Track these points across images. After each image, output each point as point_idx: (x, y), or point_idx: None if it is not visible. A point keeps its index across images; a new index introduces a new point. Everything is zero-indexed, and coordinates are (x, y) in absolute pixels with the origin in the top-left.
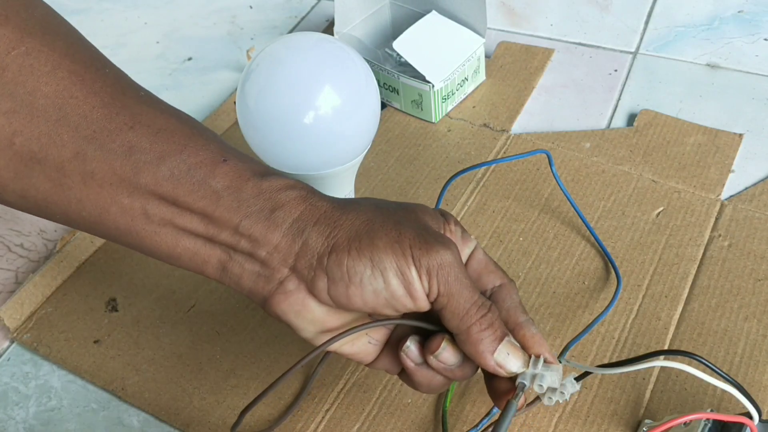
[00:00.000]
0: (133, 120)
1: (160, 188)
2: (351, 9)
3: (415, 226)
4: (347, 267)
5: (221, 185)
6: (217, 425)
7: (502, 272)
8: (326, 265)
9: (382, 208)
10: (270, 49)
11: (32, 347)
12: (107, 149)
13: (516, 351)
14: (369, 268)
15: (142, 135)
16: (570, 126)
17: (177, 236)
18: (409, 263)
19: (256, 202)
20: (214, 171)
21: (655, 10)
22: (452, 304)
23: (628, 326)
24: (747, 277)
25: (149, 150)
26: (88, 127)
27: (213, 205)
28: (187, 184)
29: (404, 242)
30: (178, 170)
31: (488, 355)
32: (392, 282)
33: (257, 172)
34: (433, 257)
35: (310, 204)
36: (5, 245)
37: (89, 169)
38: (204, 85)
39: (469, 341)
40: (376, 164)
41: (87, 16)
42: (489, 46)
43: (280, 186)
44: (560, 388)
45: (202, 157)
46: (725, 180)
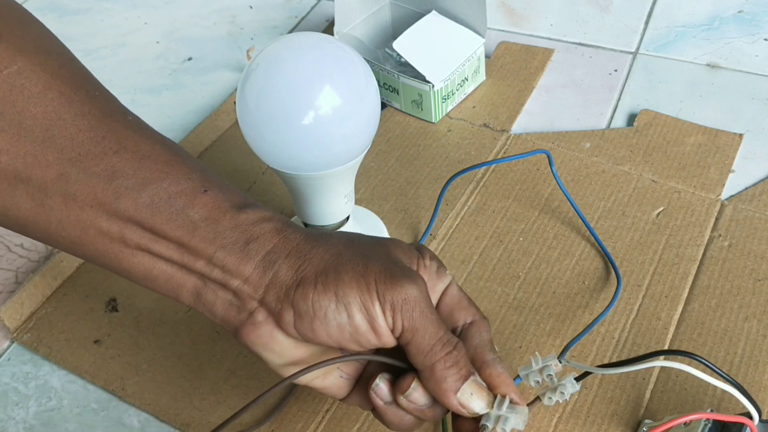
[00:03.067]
0: (118, 144)
1: (139, 215)
2: (351, 9)
3: (384, 260)
4: (312, 301)
5: (199, 216)
6: (216, 425)
7: (475, 309)
8: (293, 298)
9: (354, 242)
10: (270, 49)
11: (32, 347)
12: (90, 173)
13: (480, 391)
14: (333, 303)
15: (126, 160)
16: (570, 126)
17: (153, 261)
18: (373, 298)
19: (231, 234)
20: (194, 201)
21: (655, 10)
22: (417, 339)
23: (628, 326)
24: (747, 277)
25: (132, 176)
26: (73, 150)
27: (189, 235)
28: (166, 213)
29: (369, 276)
30: (158, 198)
31: (451, 395)
32: (356, 317)
33: (235, 204)
34: (398, 292)
35: (283, 237)
36: (5, 245)
37: (71, 191)
38: (204, 85)
39: (432, 379)
40: (376, 164)
41: (87, 16)
42: (489, 46)
43: (256, 219)
44: (560, 388)
45: (183, 186)
46: (725, 180)
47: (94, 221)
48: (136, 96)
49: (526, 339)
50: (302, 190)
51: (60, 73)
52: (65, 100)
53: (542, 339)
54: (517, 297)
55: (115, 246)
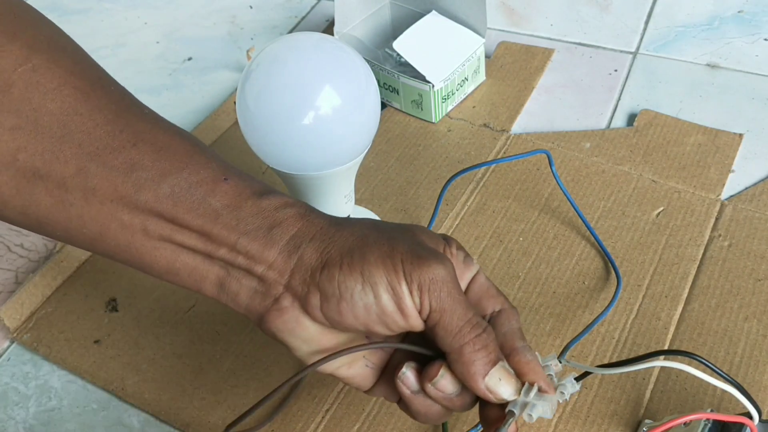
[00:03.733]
0: (135, 137)
1: (160, 205)
2: (351, 9)
3: (409, 242)
4: (338, 282)
5: (221, 204)
6: (217, 425)
7: (503, 298)
8: (319, 281)
9: (379, 225)
10: (270, 49)
11: (32, 347)
12: (109, 166)
13: (509, 377)
14: (360, 283)
15: (145, 152)
16: (570, 126)
17: (175, 252)
18: (400, 278)
19: (254, 220)
20: (215, 189)
21: (655, 10)
22: (444, 320)
23: (628, 326)
24: (747, 277)
25: (151, 167)
26: (91, 144)
27: (211, 223)
28: (187, 202)
29: (396, 257)
30: (179, 188)
31: (479, 378)
32: (383, 297)
33: (257, 191)
34: (425, 272)
35: (307, 221)
36: (5, 245)
37: (91, 185)
38: (204, 85)
39: (460, 361)
40: (376, 164)
41: (87, 16)
42: (489, 46)
43: (279, 204)
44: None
45: (203, 176)
46: (725, 180)
47: (115, 215)
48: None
49: (526, 339)
50: (302, 190)
51: (74, 70)
52: (81, 96)
53: (542, 339)
54: (517, 297)
55: (137, 239)
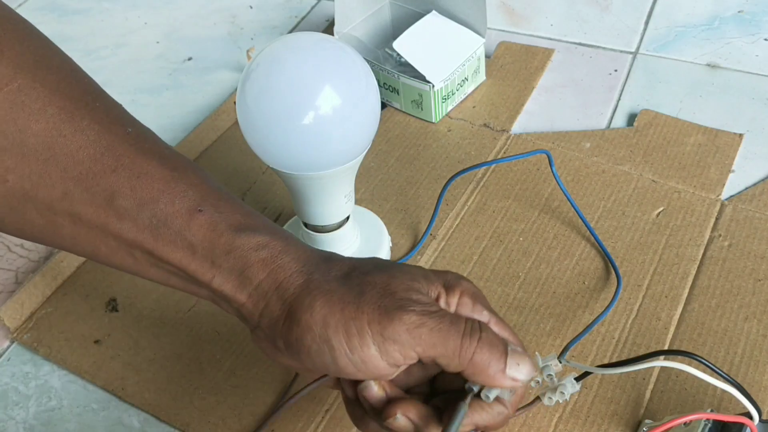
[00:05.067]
0: (116, 162)
1: (141, 236)
2: (351, 9)
3: (379, 294)
4: (296, 337)
5: (196, 239)
6: (217, 425)
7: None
8: (281, 330)
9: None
10: (270, 49)
11: (32, 347)
12: (92, 192)
13: (523, 356)
14: (316, 344)
15: (124, 179)
16: (570, 126)
17: (166, 275)
18: (366, 342)
19: (227, 259)
20: (190, 223)
21: (655, 10)
22: (440, 352)
23: (628, 326)
24: (747, 277)
25: (130, 196)
26: (74, 168)
27: (189, 258)
28: (166, 235)
29: (361, 319)
30: (156, 219)
31: (501, 377)
32: (340, 361)
33: (232, 225)
34: (395, 328)
35: (277, 266)
36: (5, 245)
37: (76, 210)
38: (204, 85)
39: (477, 373)
40: (376, 164)
41: (87, 16)
42: (489, 46)
43: (252, 245)
44: (560, 388)
45: (179, 207)
46: (725, 180)
47: (103, 240)
48: (136, 96)
49: (526, 339)
50: (302, 190)
51: (60, 88)
52: (65, 116)
53: (542, 339)
54: (517, 297)
55: (128, 261)
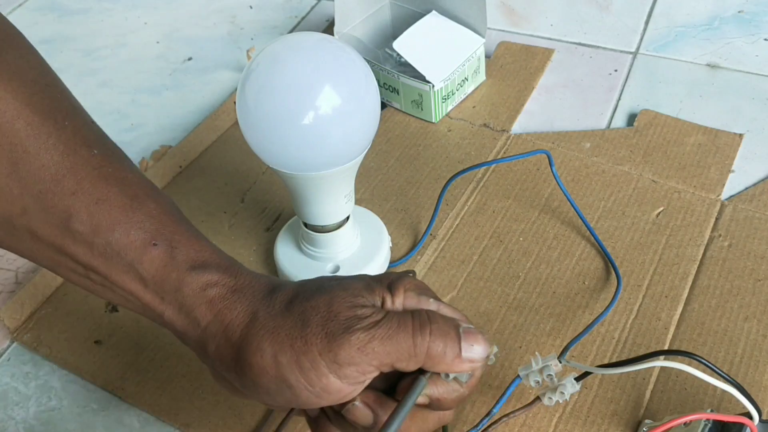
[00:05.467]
0: (76, 185)
1: (95, 261)
2: (351, 9)
3: (323, 320)
4: (252, 380)
5: (147, 273)
6: (217, 425)
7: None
8: (236, 370)
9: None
10: (270, 49)
11: (32, 347)
12: (49, 213)
13: (474, 335)
14: (274, 384)
15: (82, 203)
16: (570, 126)
17: (123, 300)
18: (322, 373)
19: (176, 297)
20: (142, 257)
21: (655, 10)
22: (396, 357)
23: (628, 326)
24: (747, 277)
25: (86, 221)
26: (35, 186)
27: (141, 290)
28: (118, 266)
29: (312, 351)
30: (111, 249)
31: (458, 362)
32: (302, 395)
33: (184, 263)
34: (346, 351)
35: (224, 306)
36: None
37: (34, 228)
38: (204, 85)
39: (435, 363)
40: (376, 164)
41: (87, 16)
42: (489, 46)
43: (201, 284)
44: (560, 388)
45: (133, 238)
46: (725, 180)
47: (60, 259)
48: (136, 96)
49: (526, 339)
50: (302, 190)
51: (31, 101)
52: (32, 131)
53: (542, 339)
54: (517, 297)
55: (86, 282)
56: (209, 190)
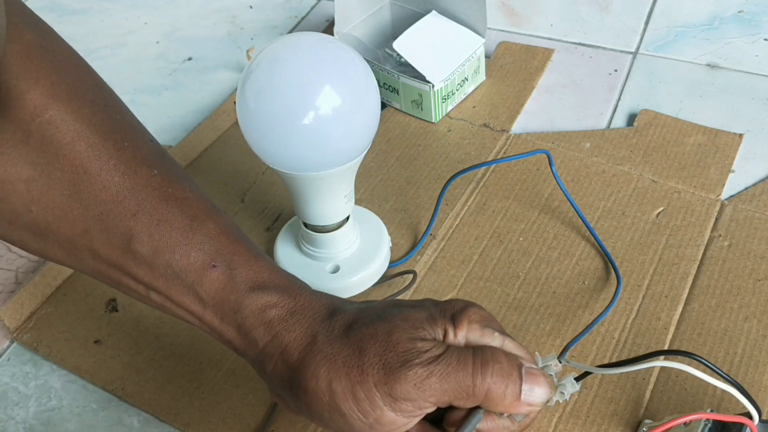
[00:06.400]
0: (137, 206)
1: (156, 282)
2: (351, 9)
3: (382, 349)
4: (306, 404)
5: (207, 295)
6: (217, 425)
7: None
8: (291, 390)
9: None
10: (270, 49)
11: (32, 347)
12: (111, 233)
13: (536, 378)
14: (327, 412)
15: (143, 224)
16: (570, 126)
17: (185, 316)
18: (377, 405)
19: (235, 318)
20: (202, 279)
21: (655, 10)
22: (454, 395)
23: (628, 326)
24: (747, 277)
25: (147, 243)
26: (96, 208)
27: (201, 311)
28: (179, 286)
29: (368, 383)
30: (171, 271)
31: (516, 404)
32: (355, 426)
33: (243, 284)
34: (402, 386)
35: (282, 329)
36: (5, 245)
37: (95, 248)
38: (204, 85)
39: (493, 404)
40: (376, 164)
41: (87, 16)
42: (489, 46)
43: (259, 306)
44: (560, 388)
45: (193, 260)
46: (725, 180)
47: (121, 279)
48: (136, 96)
49: (526, 339)
50: (302, 190)
51: (92, 122)
52: (93, 153)
53: (542, 339)
54: (517, 297)
55: (147, 300)
56: (209, 190)
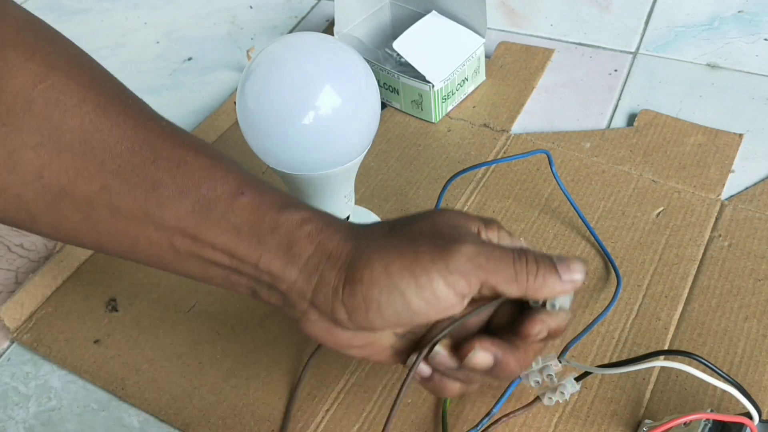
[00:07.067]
0: (154, 154)
1: (183, 223)
2: (351, 9)
3: (429, 238)
4: (362, 296)
5: (240, 220)
6: (217, 425)
7: None
8: (342, 297)
9: (396, 228)
10: (270, 49)
11: (32, 347)
12: (132, 183)
13: (569, 260)
14: (385, 294)
15: (164, 169)
16: (570, 126)
17: (205, 265)
18: (434, 278)
19: (273, 237)
20: (233, 205)
21: (655, 10)
22: (501, 277)
23: (628, 326)
24: (747, 277)
25: (171, 185)
26: (113, 162)
27: (234, 240)
28: (209, 220)
29: (423, 259)
30: (199, 205)
31: (560, 284)
32: (413, 302)
33: (274, 205)
34: (455, 258)
35: (324, 237)
36: (5, 245)
37: (115, 203)
38: (204, 85)
39: (538, 288)
40: (376, 164)
41: (87, 16)
42: (489, 46)
43: (296, 220)
44: (560, 388)
45: (221, 191)
46: (725, 180)
47: (142, 231)
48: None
49: None
50: (302, 190)
51: (93, 86)
52: (101, 111)
53: None
54: None
55: (167, 254)
56: None
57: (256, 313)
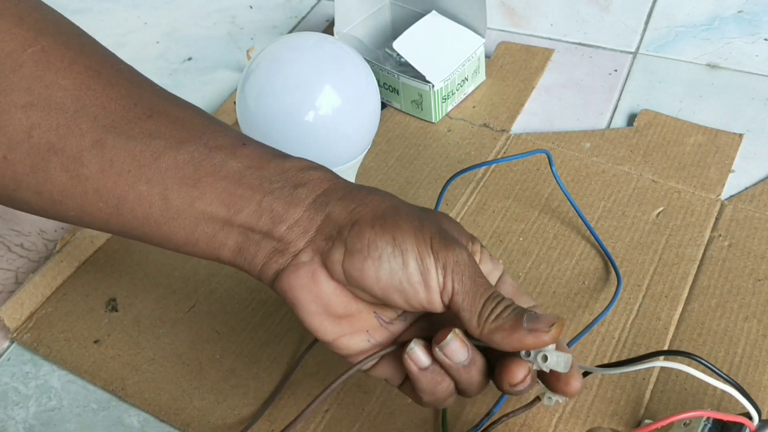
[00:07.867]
0: (150, 110)
1: (180, 171)
2: (351, 9)
3: (435, 225)
4: (369, 240)
5: (243, 165)
6: (217, 425)
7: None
8: (346, 237)
9: (405, 203)
10: (270, 49)
11: (32, 347)
12: (127, 136)
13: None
14: (391, 246)
15: (161, 123)
16: (570, 126)
17: (195, 222)
18: (429, 253)
19: (278, 179)
20: (235, 153)
21: (655, 10)
22: (467, 302)
23: (628, 326)
24: (747, 277)
25: (168, 136)
26: (106, 117)
27: (235, 184)
28: (209, 166)
29: (426, 233)
30: (198, 153)
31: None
32: (410, 265)
33: (278, 154)
34: (450, 254)
35: (334, 183)
36: (5, 245)
37: (108, 157)
38: (204, 85)
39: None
40: (376, 164)
41: (87, 16)
42: (489, 46)
43: (303, 166)
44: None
45: (222, 142)
46: (725, 180)
47: (133, 186)
48: None
49: None
50: None
51: (83, 50)
52: (93, 73)
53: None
54: None
55: (155, 210)
56: None
57: (256, 313)
